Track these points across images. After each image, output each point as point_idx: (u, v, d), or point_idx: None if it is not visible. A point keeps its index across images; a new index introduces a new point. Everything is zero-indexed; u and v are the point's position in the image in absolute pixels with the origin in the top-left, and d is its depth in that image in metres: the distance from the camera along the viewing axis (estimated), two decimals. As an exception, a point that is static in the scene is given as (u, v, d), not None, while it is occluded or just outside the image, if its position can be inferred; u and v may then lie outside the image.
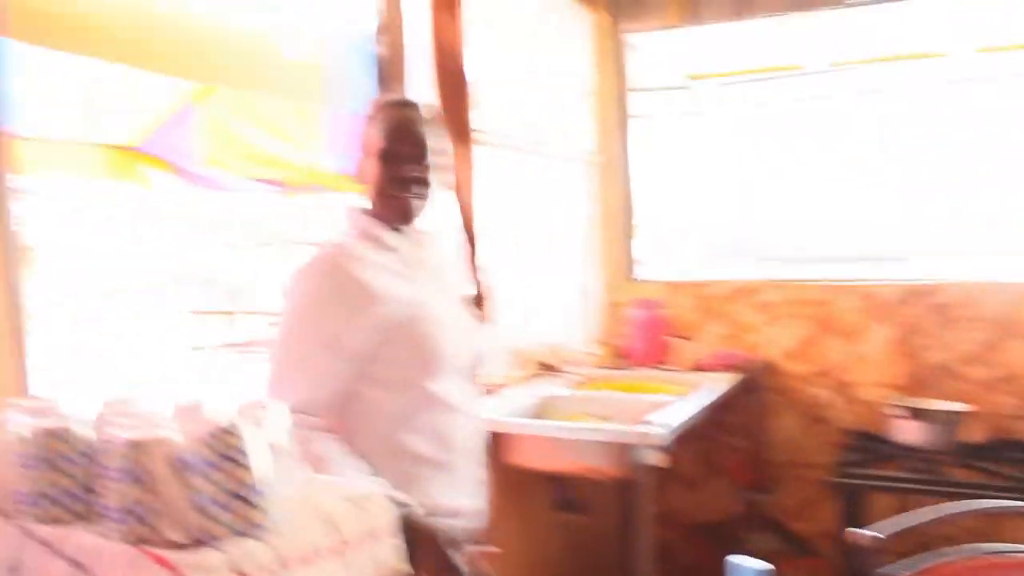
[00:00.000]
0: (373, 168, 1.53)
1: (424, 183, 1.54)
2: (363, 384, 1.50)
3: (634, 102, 3.38)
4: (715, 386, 2.68)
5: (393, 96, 1.79)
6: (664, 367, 2.98)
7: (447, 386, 1.56)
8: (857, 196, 3.93)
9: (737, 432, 3.07)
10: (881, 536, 1.47)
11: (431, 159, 1.55)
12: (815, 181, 4.00)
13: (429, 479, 1.54)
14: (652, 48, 3.72)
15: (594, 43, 3.26)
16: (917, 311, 2.86)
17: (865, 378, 2.93)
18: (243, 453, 1.20)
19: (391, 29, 2.25)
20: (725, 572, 0.93)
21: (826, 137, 3.90)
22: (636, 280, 3.29)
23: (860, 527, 1.52)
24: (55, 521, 1.14)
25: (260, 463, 1.19)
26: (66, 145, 4.40)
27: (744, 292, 3.10)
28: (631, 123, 3.36)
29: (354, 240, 1.54)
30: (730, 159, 3.90)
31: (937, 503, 2.58)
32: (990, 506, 2.26)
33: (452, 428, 1.58)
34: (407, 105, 1.60)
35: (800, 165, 4.01)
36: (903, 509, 2.39)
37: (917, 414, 2.57)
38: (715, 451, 3.10)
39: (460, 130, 2.23)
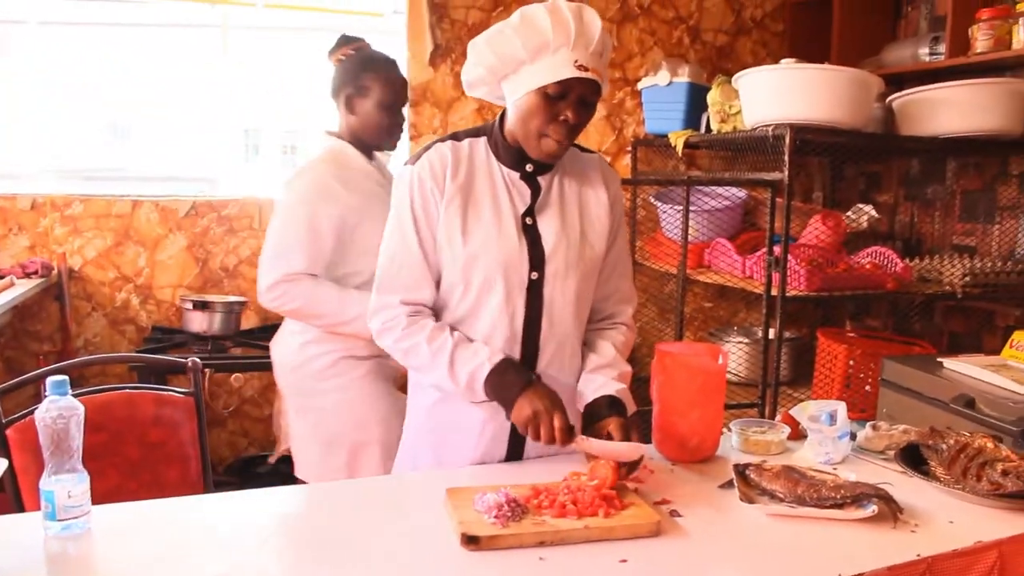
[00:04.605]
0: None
1: None
2: None
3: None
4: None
5: None
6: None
7: None
8: (160, 121, 4.27)
9: (44, 338, 3.25)
10: None
11: None
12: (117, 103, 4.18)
13: None
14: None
15: None
16: (206, 222, 3.41)
17: (163, 281, 3.39)
18: None
19: None
20: None
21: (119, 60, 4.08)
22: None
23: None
24: None
25: None
26: None
27: (51, 206, 3.24)
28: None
29: None
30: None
31: (229, 375, 3.21)
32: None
33: None
34: None
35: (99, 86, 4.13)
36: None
37: (203, 306, 3.13)
38: (20, 357, 3.23)
39: None
